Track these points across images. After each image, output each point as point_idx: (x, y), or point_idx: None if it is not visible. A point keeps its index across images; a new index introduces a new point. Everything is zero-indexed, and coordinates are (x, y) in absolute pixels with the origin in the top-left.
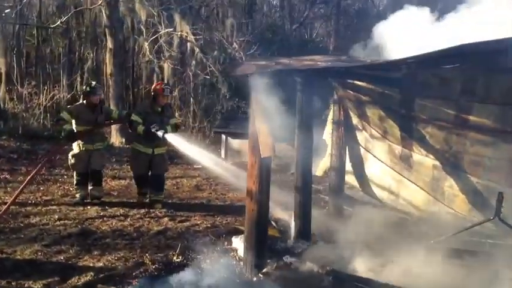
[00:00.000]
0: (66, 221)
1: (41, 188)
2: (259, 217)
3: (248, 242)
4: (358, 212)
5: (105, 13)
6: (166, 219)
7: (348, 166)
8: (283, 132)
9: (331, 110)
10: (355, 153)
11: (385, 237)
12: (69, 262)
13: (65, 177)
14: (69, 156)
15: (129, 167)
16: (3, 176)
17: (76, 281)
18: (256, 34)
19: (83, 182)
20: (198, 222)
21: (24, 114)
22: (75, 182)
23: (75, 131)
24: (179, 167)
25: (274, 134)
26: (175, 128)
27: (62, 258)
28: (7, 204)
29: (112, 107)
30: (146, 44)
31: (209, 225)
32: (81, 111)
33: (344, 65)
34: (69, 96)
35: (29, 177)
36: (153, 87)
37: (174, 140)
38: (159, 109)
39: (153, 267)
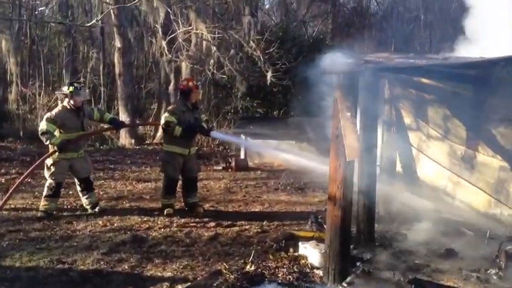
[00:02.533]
0: (111, 227)
1: (70, 192)
2: (343, 223)
3: (331, 249)
4: (411, 215)
5: (113, 12)
6: (212, 224)
7: (398, 167)
8: None
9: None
10: (406, 153)
11: (447, 243)
12: (135, 271)
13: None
14: (47, 164)
15: (147, 168)
16: (26, 180)
17: None
18: (274, 33)
19: (57, 194)
20: (246, 227)
21: (29, 116)
22: (47, 193)
23: (65, 140)
24: None
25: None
26: (207, 125)
27: (126, 267)
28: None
29: (121, 107)
30: (164, 42)
31: (258, 230)
32: (65, 117)
33: (447, 63)
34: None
35: (17, 182)
36: (184, 84)
37: (222, 136)
38: (191, 107)
39: (232, 277)
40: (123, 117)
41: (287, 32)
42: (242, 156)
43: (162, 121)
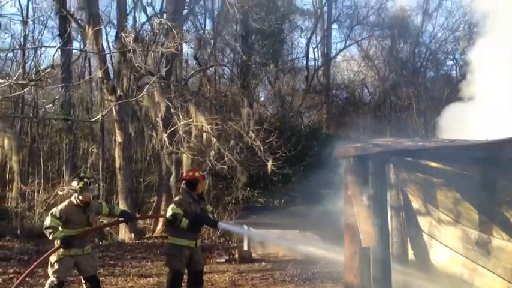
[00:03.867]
0: None
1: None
2: None
3: None
4: None
5: (115, 108)
6: None
7: (411, 254)
8: None
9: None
10: (418, 240)
11: None
12: None
13: None
14: (51, 261)
15: (148, 263)
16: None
17: None
18: (272, 123)
19: None
20: None
21: (28, 213)
22: None
23: (70, 236)
24: None
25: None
26: (213, 216)
27: None
28: None
29: (121, 200)
30: (165, 135)
31: None
32: (70, 213)
33: (454, 145)
34: (66, 189)
35: (19, 279)
36: (190, 175)
37: (229, 227)
38: (197, 197)
39: None
40: None
41: (284, 122)
42: (245, 247)
43: (169, 213)
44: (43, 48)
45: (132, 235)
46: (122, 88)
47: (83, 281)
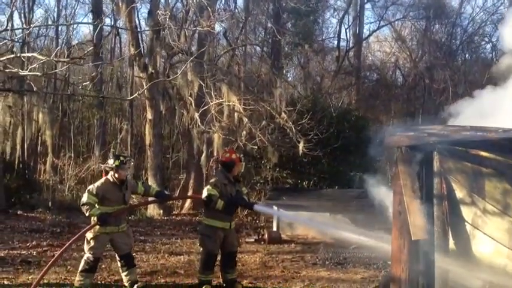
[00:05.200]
0: None
1: (103, 266)
2: None
3: None
4: None
5: (146, 85)
6: None
7: (451, 244)
8: None
9: None
10: (460, 229)
11: None
12: None
13: None
14: (87, 238)
15: (178, 240)
16: (57, 252)
17: None
18: (303, 104)
19: (93, 269)
20: None
21: (59, 186)
22: (83, 268)
23: (106, 213)
24: None
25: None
26: (248, 198)
27: None
28: (35, 282)
29: (150, 177)
30: (197, 114)
31: None
32: (107, 190)
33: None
34: (102, 166)
35: (56, 256)
36: (226, 157)
37: (266, 209)
38: (233, 179)
39: None
40: None
41: (316, 103)
42: (274, 228)
43: (204, 194)
44: (75, 25)
45: (161, 211)
46: (154, 66)
47: (117, 258)
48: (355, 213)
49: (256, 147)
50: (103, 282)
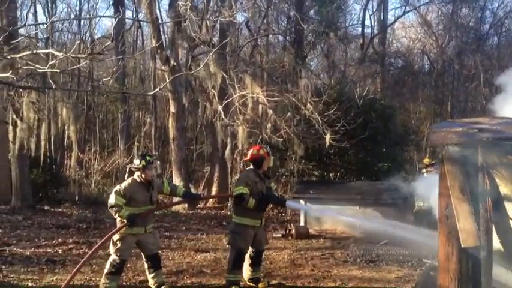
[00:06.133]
0: None
1: (128, 265)
2: None
3: None
4: None
5: (169, 78)
6: None
7: (496, 242)
8: None
9: None
10: (504, 227)
11: None
12: None
13: None
14: (113, 239)
15: (203, 236)
16: (82, 250)
17: None
18: (330, 95)
19: (119, 271)
20: None
21: (85, 181)
22: (109, 270)
23: (134, 214)
24: None
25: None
26: (277, 194)
27: None
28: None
29: (174, 171)
30: (220, 107)
31: None
32: (135, 191)
33: None
34: (127, 160)
35: (86, 257)
36: (254, 153)
37: (297, 206)
38: (263, 176)
39: None
40: (177, 181)
41: (342, 93)
42: (302, 222)
43: (236, 193)
44: (97, 18)
45: (186, 205)
46: (176, 58)
47: (144, 259)
48: (385, 207)
49: (281, 139)
50: (128, 283)
